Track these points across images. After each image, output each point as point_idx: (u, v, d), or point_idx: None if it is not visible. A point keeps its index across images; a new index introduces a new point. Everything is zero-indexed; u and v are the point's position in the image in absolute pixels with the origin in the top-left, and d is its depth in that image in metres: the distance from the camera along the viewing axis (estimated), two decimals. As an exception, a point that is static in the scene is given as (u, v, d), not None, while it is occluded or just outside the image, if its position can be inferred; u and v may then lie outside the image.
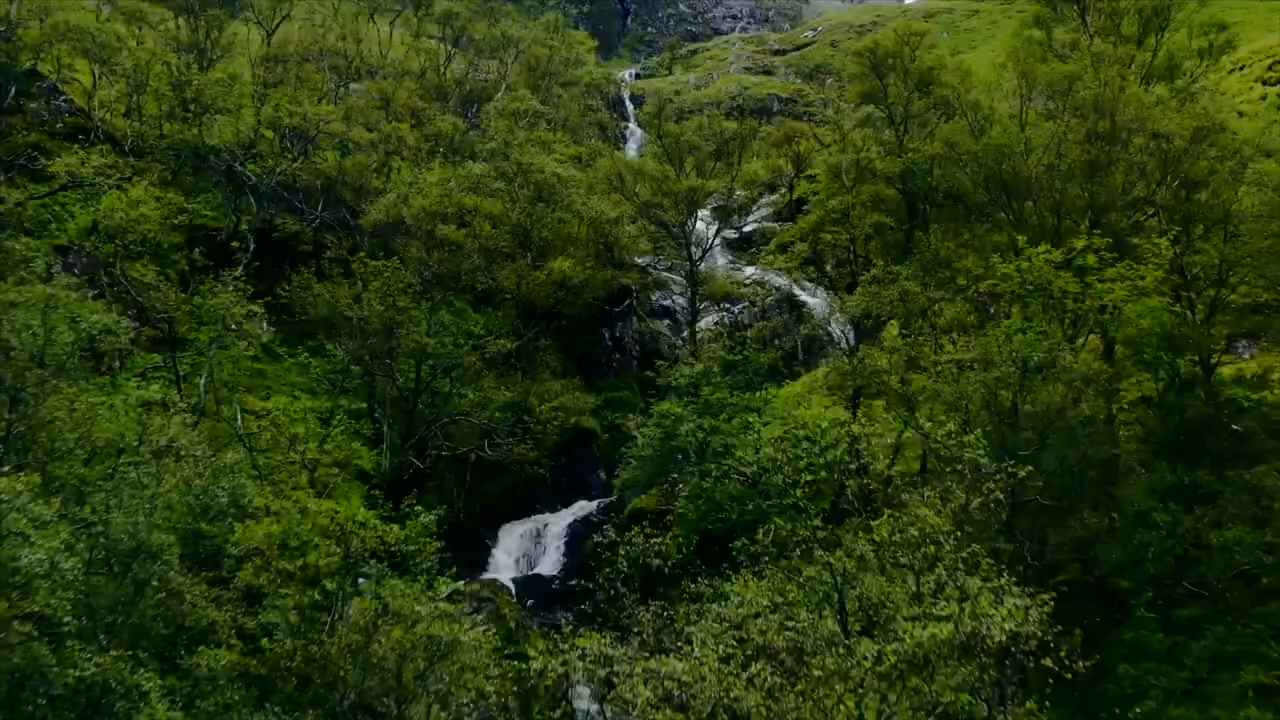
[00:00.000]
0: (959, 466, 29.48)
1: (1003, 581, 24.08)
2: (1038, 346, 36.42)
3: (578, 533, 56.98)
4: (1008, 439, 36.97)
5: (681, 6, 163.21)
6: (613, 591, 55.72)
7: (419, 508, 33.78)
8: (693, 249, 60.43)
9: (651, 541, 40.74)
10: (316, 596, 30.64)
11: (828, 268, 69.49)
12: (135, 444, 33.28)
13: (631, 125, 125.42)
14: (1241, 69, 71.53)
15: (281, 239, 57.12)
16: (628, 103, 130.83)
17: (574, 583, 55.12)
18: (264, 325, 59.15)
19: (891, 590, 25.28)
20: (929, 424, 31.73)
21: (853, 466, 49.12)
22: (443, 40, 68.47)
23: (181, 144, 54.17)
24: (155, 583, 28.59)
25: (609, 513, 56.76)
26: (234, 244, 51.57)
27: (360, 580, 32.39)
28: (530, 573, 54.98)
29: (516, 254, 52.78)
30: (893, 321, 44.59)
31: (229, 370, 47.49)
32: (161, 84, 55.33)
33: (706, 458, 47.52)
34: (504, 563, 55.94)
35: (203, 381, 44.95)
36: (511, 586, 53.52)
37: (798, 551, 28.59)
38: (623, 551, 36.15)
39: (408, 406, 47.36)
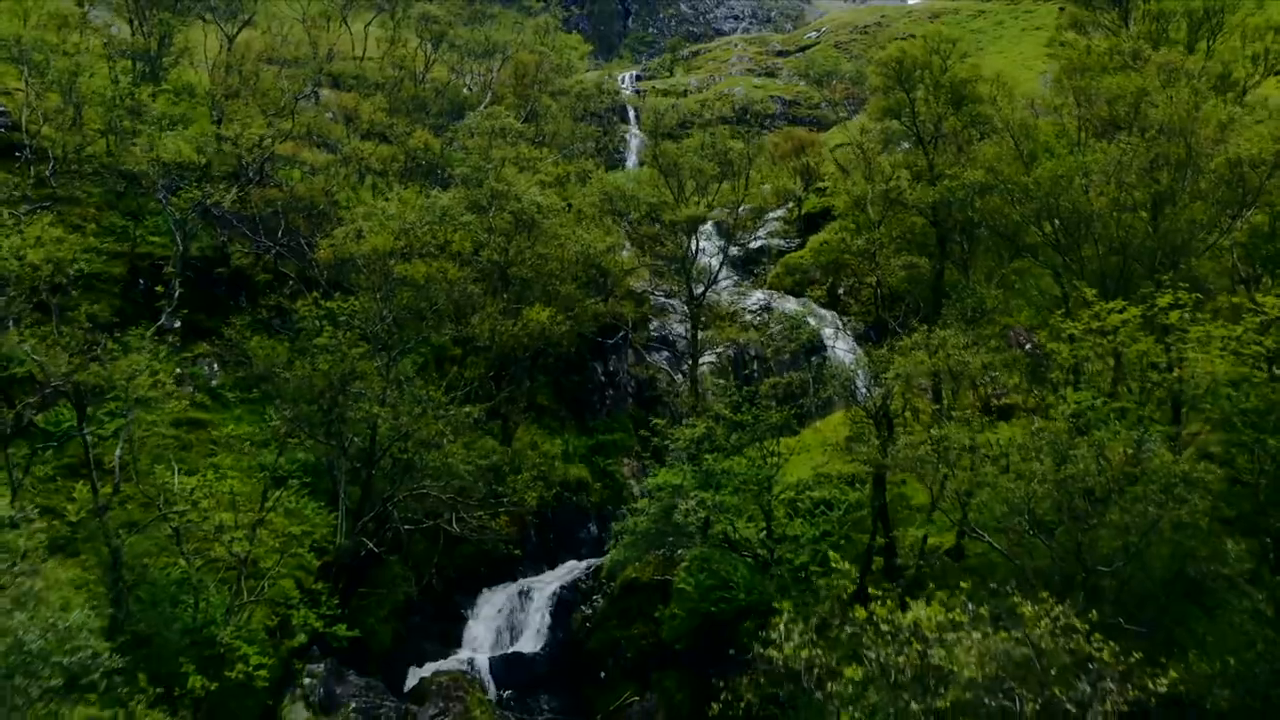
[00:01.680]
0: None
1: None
2: (1122, 437, 27.91)
3: (565, 601, 48.34)
4: (1085, 551, 28.46)
5: (683, 7, 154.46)
6: (602, 675, 47.52)
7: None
8: (694, 284, 51.64)
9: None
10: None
11: (840, 291, 61.00)
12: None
13: (632, 128, 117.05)
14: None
15: (237, 269, 48.51)
16: (628, 106, 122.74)
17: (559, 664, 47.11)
18: (213, 367, 50.63)
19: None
20: (1026, 608, 22.33)
21: (880, 541, 40.64)
22: (421, 46, 59.71)
23: (110, 164, 45.39)
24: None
25: (599, 579, 48.24)
26: (158, 287, 42.70)
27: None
28: (510, 650, 46.31)
29: (490, 295, 44.11)
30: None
31: (156, 436, 38.59)
32: (92, 96, 46.52)
33: (710, 538, 39.10)
34: (481, 637, 47.29)
35: (118, 454, 36.20)
36: (488, 667, 45.03)
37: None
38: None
39: (361, 477, 38.76)
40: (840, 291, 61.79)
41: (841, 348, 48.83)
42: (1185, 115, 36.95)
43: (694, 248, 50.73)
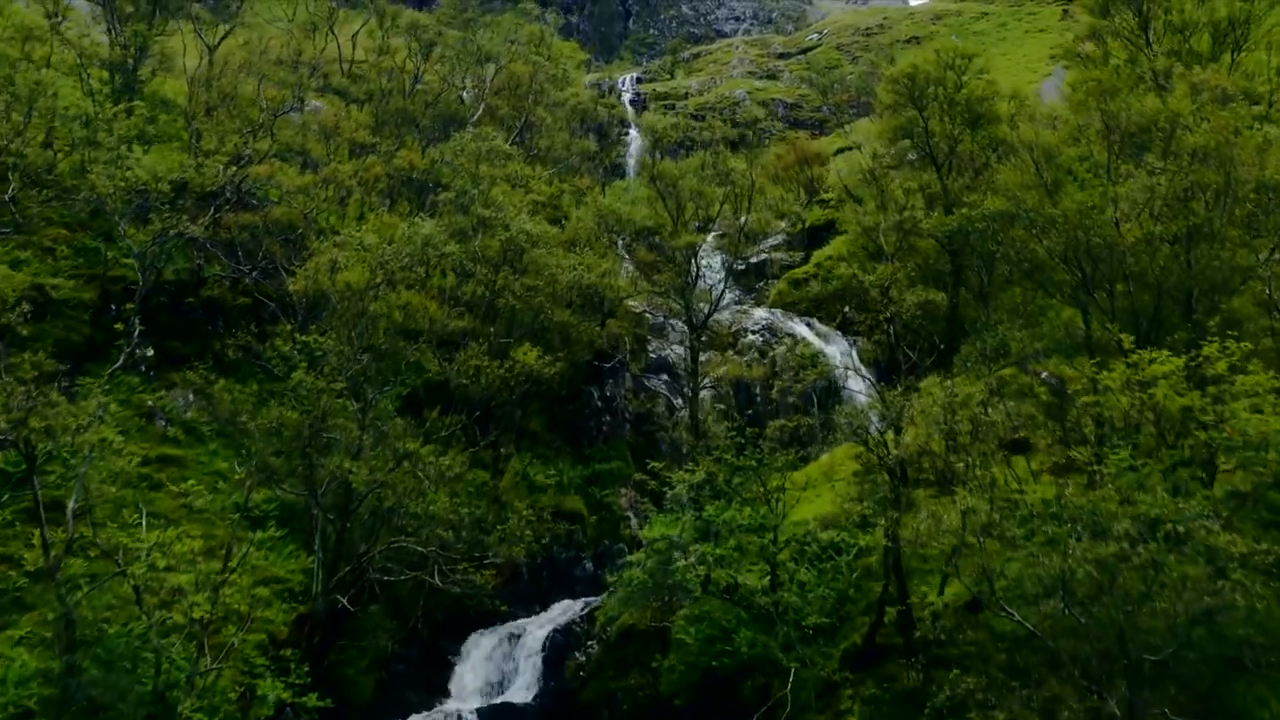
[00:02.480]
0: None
1: None
2: (1169, 511, 24.50)
3: (558, 645, 44.83)
4: (1128, 637, 25.09)
5: (684, 8, 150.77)
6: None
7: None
8: (694, 314, 48.12)
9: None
10: None
11: (847, 309, 57.49)
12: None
13: (633, 132, 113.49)
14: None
15: (212, 296, 45.15)
16: (629, 109, 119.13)
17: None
18: (188, 398, 47.14)
19: None
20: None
21: (893, 591, 37.11)
22: (410, 56, 56.14)
23: (74, 187, 41.91)
24: None
25: (595, 623, 44.77)
26: (118, 324, 39.24)
27: None
28: (499, 700, 42.89)
29: (481, 321, 40.70)
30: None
31: (123, 476, 34.97)
32: (57, 113, 43.08)
33: (710, 589, 35.67)
34: (470, 684, 43.78)
35: (72, 504, 32.72)
36: (476, 720, 41.77)
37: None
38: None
39: (336, 529, 35.32)
40: (847, 310, 58.35)
41: (853, 385, 45.42)
42: (1224, 141, 33.45)
43: (694, 272, 47.26)
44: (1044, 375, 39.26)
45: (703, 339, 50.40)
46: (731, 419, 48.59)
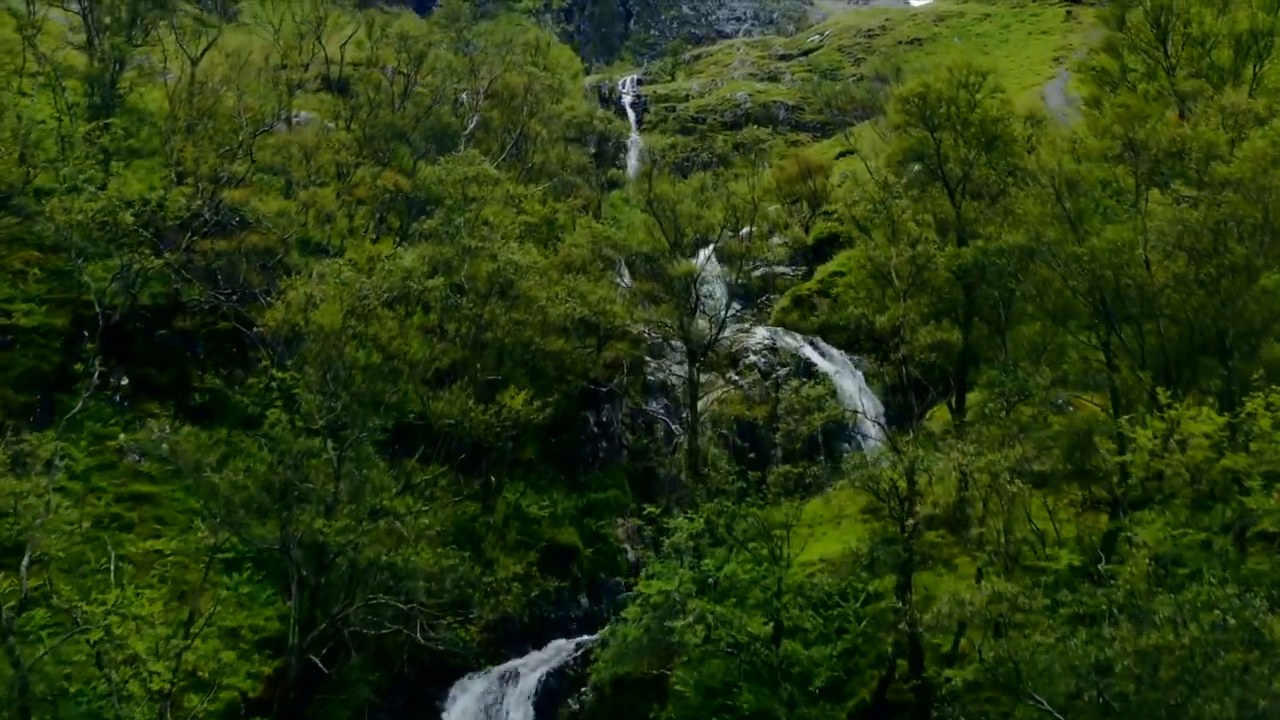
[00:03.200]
0: None
1: None
2: (1219, 597, 21.72)
3: (551, 690, 42.03)
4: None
5: (684, 9, 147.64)
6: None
7: None
8: (694, 345, 45.23)
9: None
10: None
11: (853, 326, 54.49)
12: None
13: (633, 135, 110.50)
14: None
15: (186, 328, 42.34)
16: (629, 110, 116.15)
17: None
18: (165, 429, 44.26)
19: None
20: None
21: (905, 632, 34.08)
22: (398, 70, 53.13)
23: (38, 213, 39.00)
24: None
25: (589, 665, 41.93)
26: (76, 365, 36.34)
27: None
28: (488, 753, 40.29)
29: (470, 351, 37.87)
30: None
31: (69, 543, 32.01)
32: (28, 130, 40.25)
33: (710, 652, 32.88)
34: (459, 733, 41.24)
35: (24, 564, 29.92)
36: (463, 771, 39.08)
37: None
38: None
39: (310, 584, 32.49)
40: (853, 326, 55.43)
41: (866, 406, 42.69)
42: (1261, 170, 30.54)
43: (694, 299, 44.38)
44: (1061, 401, 36.53)
45: (703, 358, 47.50)
46: (732, 456, 46.05)
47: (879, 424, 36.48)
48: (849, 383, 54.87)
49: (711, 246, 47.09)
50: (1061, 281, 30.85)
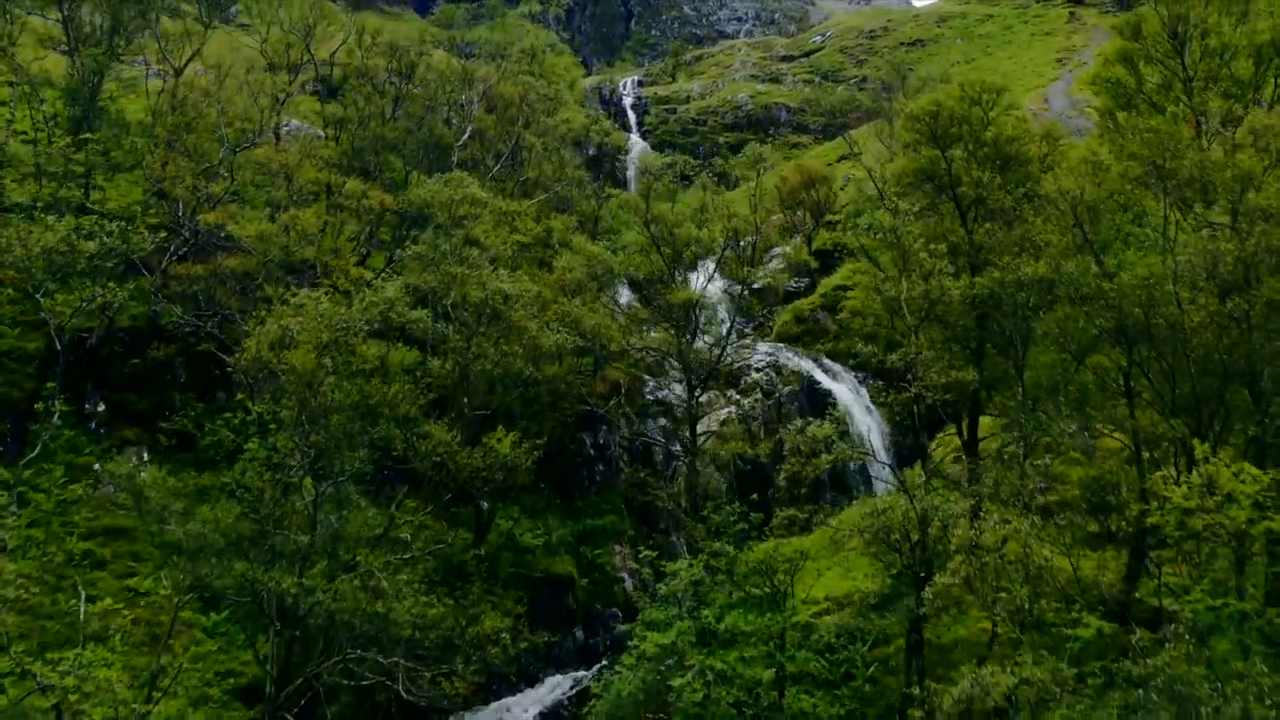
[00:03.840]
0: None
1: None
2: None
3: (546, 733, 40.00)
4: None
5: (685, 9, 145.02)
6: None
7: None
8: (693, 374, 42.78)
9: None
10: None
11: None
12: None
13: (634, 137, 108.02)
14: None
15: (162, 357, 39.94)
16: (630, 112, 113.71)
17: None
18: (142, 457, 41.87)
19: None
20: None
21: (916, 691, 31.67)
22: (388, 79, 50.54)
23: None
24: None
25: (585, 704, 39.56)
26: (36, 404, 33.90)
27: None
28: (480, 798, 38.00)
29: (459, 382, 35.48)
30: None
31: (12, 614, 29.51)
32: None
33: (711, 712, 30.45)
34: (447, 779, 38.86)
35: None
36: (452, 823, 36.65)
37: None
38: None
39: (285, 638, 30.09)
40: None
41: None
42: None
43: (693, 327, 41.92)
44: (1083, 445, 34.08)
45: (702, 386, 45.02)
46: (733, 488, 43.70)
47: (890, 467, 33.94)
48: (854, 402, 52.52)
49: (712, 268, 44.50)
50: (1086, 319, 28.41)
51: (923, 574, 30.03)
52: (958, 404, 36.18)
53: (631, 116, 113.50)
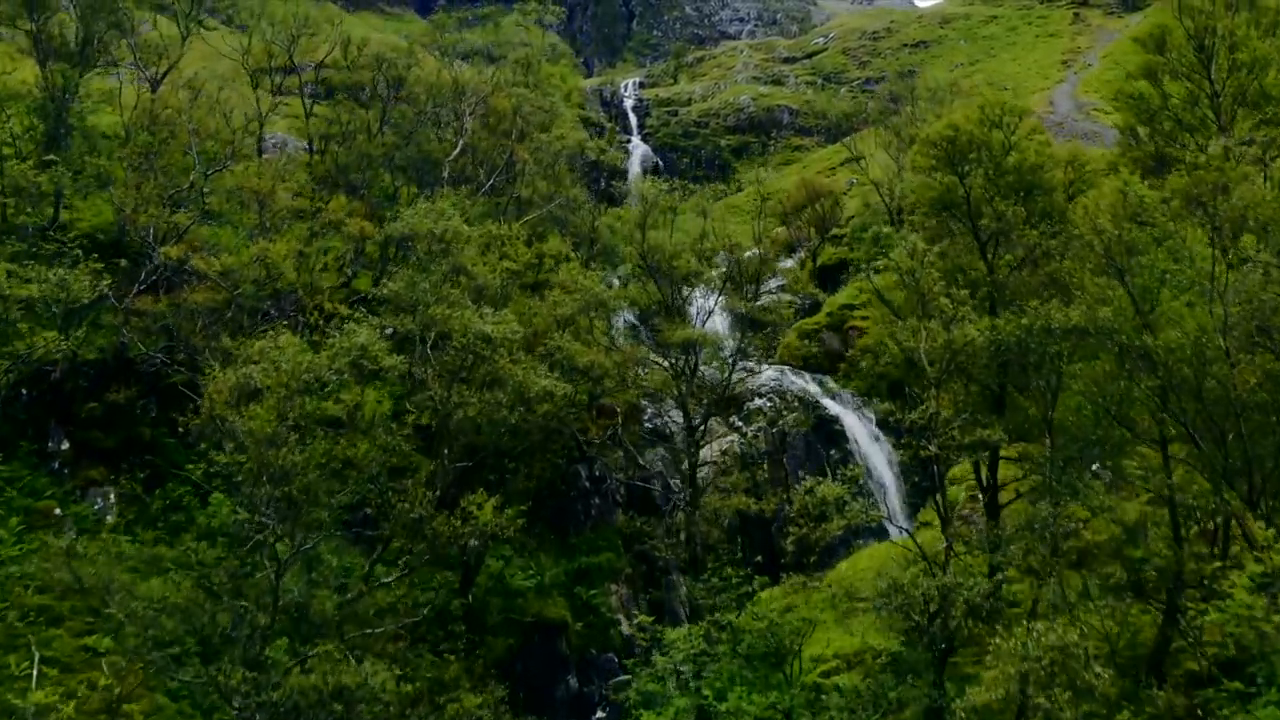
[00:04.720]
0: None
1: None
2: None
3: (534, 801, 36.78)
4: None
5: (687, 9, 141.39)
6: None
7: None
8: (691, 418, 39.54)
9: None
10: None
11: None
12: None
13: (634, 139, 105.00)
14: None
15: (123, 395, 36.76)
16: (631, 115, 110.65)
17: None
18: (107, 499, 38.74)
19: None
20: None
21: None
22: (375, 93, 47.25)
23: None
24: None
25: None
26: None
27: None
28: None
29: (442, 433, 32.31)
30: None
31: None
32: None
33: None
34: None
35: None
36: None
37: None
38: None
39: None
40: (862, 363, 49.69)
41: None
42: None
43: (693, 367, 38.68)
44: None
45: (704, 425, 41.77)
46: (734, 543, 40.53)
47: (908, 532, 30.66)
48: (861, 429, 49.41)
49: (713, 303, 41.21)
50: (1128, 380, 25.11)
51: (944, 645, 26.97)
52: (975, 448, 32.77)
53: (633, 119, 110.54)
